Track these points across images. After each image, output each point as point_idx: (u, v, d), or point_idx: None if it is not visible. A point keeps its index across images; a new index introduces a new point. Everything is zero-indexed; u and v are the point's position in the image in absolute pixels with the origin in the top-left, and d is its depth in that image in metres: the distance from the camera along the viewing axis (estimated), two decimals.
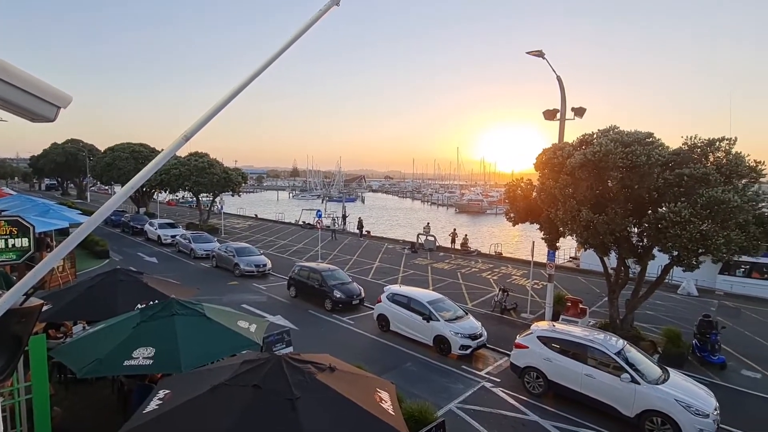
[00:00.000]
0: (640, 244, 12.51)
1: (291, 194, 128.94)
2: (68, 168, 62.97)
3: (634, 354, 9.87)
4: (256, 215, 50.84)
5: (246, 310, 15.19)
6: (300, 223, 43.89)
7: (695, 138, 11.40)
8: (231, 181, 34.52)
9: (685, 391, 8.85)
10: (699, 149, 11.28)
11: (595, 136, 12.39)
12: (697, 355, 12.39)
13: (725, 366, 11.95)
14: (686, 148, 11.41)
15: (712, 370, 11.89)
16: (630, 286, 14.01)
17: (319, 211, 29.14)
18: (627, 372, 9.12)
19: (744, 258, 13.15)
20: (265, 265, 21.23)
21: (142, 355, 6.19)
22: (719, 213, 10.16)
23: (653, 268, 15.21)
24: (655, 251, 12.17)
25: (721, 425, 9.01)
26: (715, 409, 8.65)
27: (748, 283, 20.66)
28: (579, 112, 14.65)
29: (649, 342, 12.68)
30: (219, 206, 38.31)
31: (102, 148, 48.18)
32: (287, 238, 34.11)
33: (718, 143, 11.14)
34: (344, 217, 41.08)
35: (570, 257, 30.12)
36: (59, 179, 72.54)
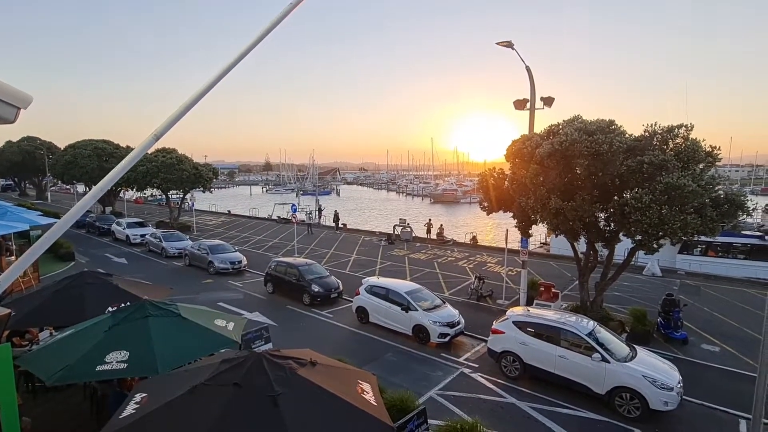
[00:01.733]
0: (607, 228, 13.00)
1: (264, 189, 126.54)
2: (25, 167, 59.36)
3: (604, 334, 10.33)
4: (229, 211, 49.80)
5: (222, 308, 14.95)
6: (275, 218, 43.28)
7: (655, 125, 11.89)
8: (201, 177, 33.52)
9: (651, 367, 9.36)
10: (659, 136, 11.79)
11: (561, 126, 12.73)
12: (662, 332, 13.11)
13: (687, 341, 12.69)
14: (647, 135, 11.90)
15: (675, 346, 12.60)
16: (599, 269, 14.58)
17: (293, 205, 28.76)
18: (598, 352, 9.56)
19: (702, 237, 13.90)
20: (240, 262, 20.91)
21: (116, 359, 6.01)
22: (676, 198, 10.69)
23: (620, 251, 15.92)
24: (621, 235, 12.72)
25: (684, 397, 9.61)
26: (679, 383, 9.21)
27: (704, 262, 21.96)
28: (548, 101, 15.02)
29: (618, 322, 13.30)
30: (190, 203, 37.19)
31: (61, 146, 45.62)
32: (262, 233, 33.57)
33: (676, 130, 11.67)
34: (320, 210, 40.76)
35: (541, 243, 31.02)
36: (16, 179, 68.36)
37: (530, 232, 15.01)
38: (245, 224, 39.19)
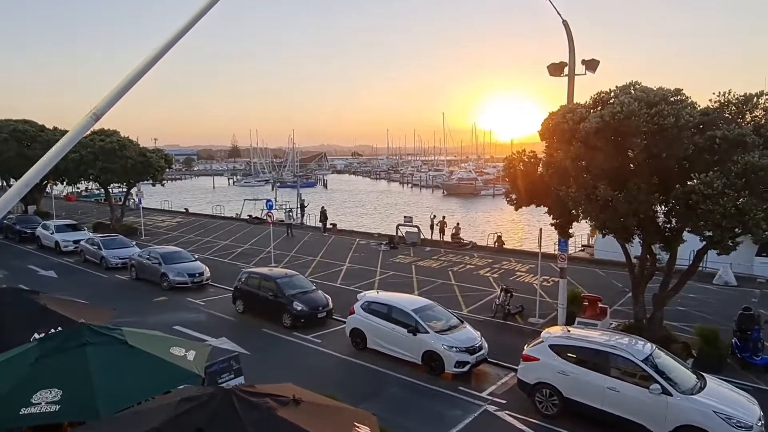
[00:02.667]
0: (668, 225, 12.98)
1: (231, 180, 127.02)
2: None
3: (665, 359, 10.35)
4: (186, 209, 50.00)
5: (180, 333, 14.99)
6: (245, 217, 43.39)
7: (728, 94, 11.87)
8: (150, 165, 33.51)
9: (724, 400, 9.38)
10: (733, 107, 11.78)
11: (613, 94, 12.67)
12: (738, 357, 13.13)
13: None
14: (717, 106, 11.87)
15: (754, 373, 12.64)
16: (657, 278, 14.60)
17: (269, 200, 28.84)
18: (657, 382, 9.57)
19: None
20: (201, 274, 21.02)
21: (45, 400, 6.00)
22: (757, 182, 10.66)
23: (684, 255, 15.94)
24: (685, 234, 12.70)
25: None
26: (760, 419, 9.22)
27: None
28: (591, 65, 14.99)
29: (682, 344, 13.32)
30: (136, 200, 37.26)
31: None
32: (229, 237, 33.66)
33: (756, 99, 11.65)
34: (302, 207, 40.87)
35: (582, 245, 31.12)
36: None
37: (570, 231, 15.01)
38: (207, 225, 39.27)
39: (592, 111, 12.57)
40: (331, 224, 37.01)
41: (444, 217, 35.01)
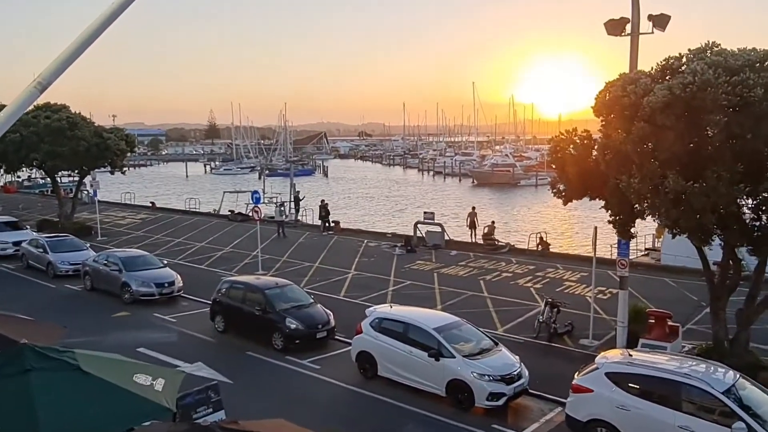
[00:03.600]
0: (757, 223, 12.84)
1: (208, 167, 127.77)
2: None
3: (752, 391, 10.31)
4: (152, 203, 50.38)
5: (146, 356, 15.15)
6: (226, 213, 43.65)
7: None
8: (108, 149, 33.68)
9: None
10: None
11: (685, 60, 12.56)
12: None
13: None
14: None
15: None
16: (743, 289, 14.45)
17: (255, 192, 28.99)
18: (741, 419, 9.52)
19: None
20: (171, 284, 21.24)
21: None
22: None
23: None
24: None
25: None
26: None
27: None
28: (660, 21, 14.83)
29: None
30: (90, 191, 37.59)
31: None
32: (206, 237, 33.91)
33: None
34: (297, 200, 40.99)
35: (646, 248, 30.82)
36: None
37: (633, 230, 14.87)
38: (179, 223, 39.53)
39: (659, 81, 12.44)
40: (333, 222, 37.10)
41: (474, 209, 34.92)
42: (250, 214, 35.12)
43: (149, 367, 8.17)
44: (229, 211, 43.55)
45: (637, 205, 13.25)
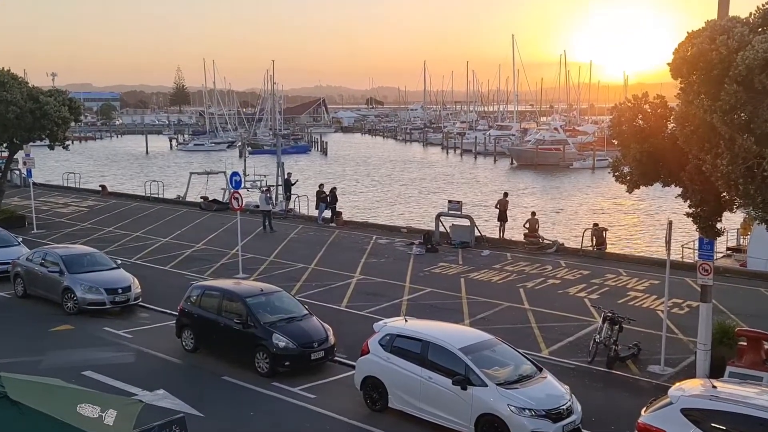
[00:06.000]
0: None
1: (175, 141, 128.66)
2: None
3: None
4: (103, 187, 50.65)
5: (94, 382, 15.15)
6: (199, 200, 43.84)
7: None
8: (46, 116, 33.52)
9: None
10: None
11: None
12: None
13: None
14: None
15: None
16: None
17: (235, 174, 28.95)
18: None
19: None
20: (127, 290, 21.34)
21: None
22: None
23: None
24: None
25: None
26: None
27: None
28: None
29: None
30: (23, 171, 37.71)
31: None
32: (171, 231, 34.07)
33: None
34: (288, 185, 41.02)
35: (727, 249, 30.65)
36: None
37: (719, 226, 14.73)
38: (137, 213, 39.72)
39: (759, 31, 12.25)
40: (330, 209, 36.91)
41: (506, 195, 34.80)
42: (228, 201, 35.16)
43: (97, 395, 8.15)
44: (202, 198, 43.71)
45: (725, 194, 13.14)
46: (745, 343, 15.07)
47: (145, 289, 21.98)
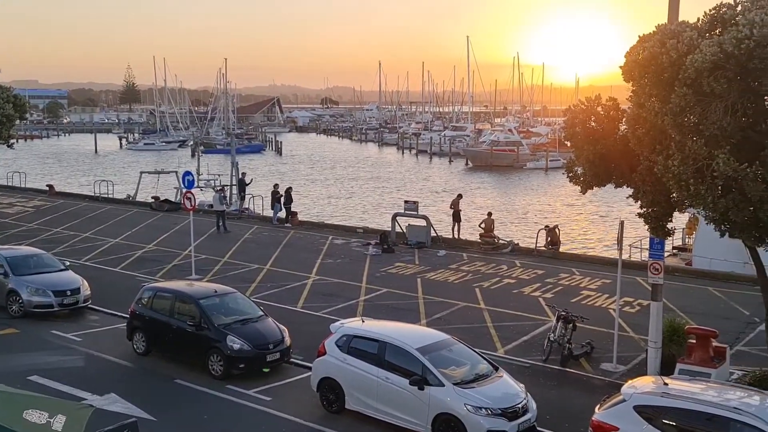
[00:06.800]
0: None
1: (125, 140, 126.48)
2: None
3: None
4: (50, 187, 49.64)
5: (41, 387, 14.88)
6: (149, 200, 43.24)
7: None
8: None
9: None
10: None
11: (740, 8, 12.62)
12: None
13: None
14: None
15: None
16: None
17: (187, 174, 28.63)
18: None
19: None
20: (76, 292, 20.97)
21: None
22: None
23: None
24: None
25: None
26: None
27: None
28: None
29: None
30: None
31: None
32: (122, 232, 33.55)
33: None
34: (242, 184, 40.70)
35: (673, 248, 31.32)
36: None
37: (670, 225, 14.98)
38: (86, 213, 39.07)
39: (707, 35, 12.50)
40: (285, 209, 36.69)
41: (459, 197, 35.09)
42: (181, 201, 34.76)
43: (45, 400, 8.01)
44: (153, 198, 43.14)
45: (675, 195, 13.32)
46: (695, 341, 15.35)
47: (94, 291, 21.63)
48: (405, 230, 31.86)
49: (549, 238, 30.57)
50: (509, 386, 13.33)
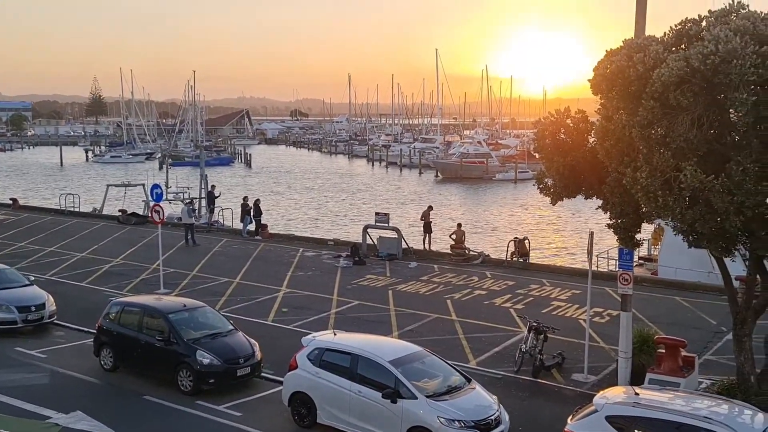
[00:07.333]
0: None
1: (91, 153, 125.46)
2: None
3: None
4: (14, 200, 48.94)
5: (4, 405, 14.62)
6: (116, 213, 42.77)
7: None
8: None
9: None
10: None
11: (705, 23, 12.85)
12: None
13: None
14: None
15: None
16: None
17: (156, 186, 28.35)
18: None
19: None
20: (41, 307, 20.69)
21: None
22: None
23: None
24: None
25: None
26: None
27: None
28: None
29: None
30: None
31: None
32: (88, 246, 33.14)
33: None
34: (211, 197, 40.41)
35: (639, 258, 31.69)
36: None
37: (639, 237, 15.18)
38: (51, 227, 38.59)
39: (673, 50, 12.70)
40: (255, 222, 36.49)
41: (430, 208, 35.19)
42: (149, 215, 34.36)
43: (8, 420, 7.87)
44: (120, 211, 42.71)
45: (643, 206, 13.44)
46: (664, 351, 15.52)
47: (60, 307, 21.36)
48: (376, 242, 31.82)
49: (517, 250, 30.75)
50: (482, 398, 13.35)
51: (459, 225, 33.30)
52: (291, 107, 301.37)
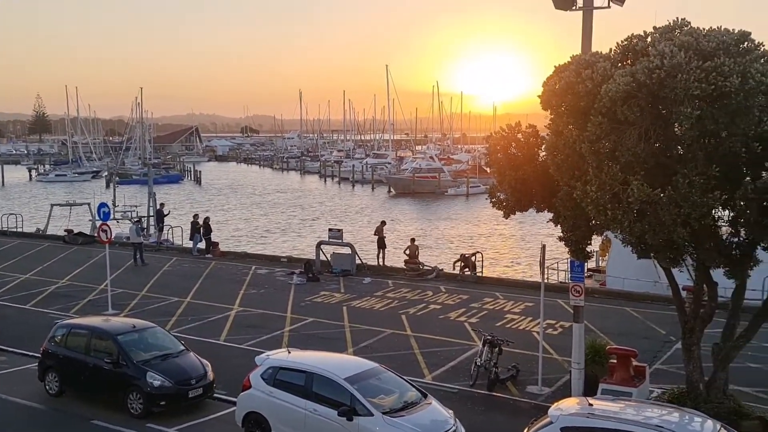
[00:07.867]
0: (735, 239, 13.54)
1: (34, 172, 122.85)
2: None
3: None
4: None
5: None
6: (62, 233, 41.89)
7: None
8: None
9: None
10: None
11: (650, 40, 13.16)
12: None
13: None
14: None
15: None
16: (720, 319, 15.07)
17: (103, 205, 27.79)
18: None
19: None
20: None
21: None
22: None
23: (758, 283, 16.65)
24: (760, 253, 13.31)
25: None
26: None
27: None
28: None
29: (758, 420, 13.89)
30: None
31: None
32: (32, 267, 32.42)
33: None
34: (160, 215, 39.83)
35: (588, 270, 32.22)
36: None
37: (589, 249, 15.39)
38: None
39: (620, 65, 12.97)
40: (205, 240, 36.12)
41: (383, 223, 35.25)
42: (96, 234, 33.69)
43: None
44: (66, 231, 41.84)
45: (593, 219, 13.64)
46: (615, 361, 15.74)
47: (2, 330, 21.03)
48: (330, 258, 31.75)
49: (463, 264, 30.97)
50: (438, 413, 13.33)
51: (412, 240, 33.42)
52: (241, 123, 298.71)
